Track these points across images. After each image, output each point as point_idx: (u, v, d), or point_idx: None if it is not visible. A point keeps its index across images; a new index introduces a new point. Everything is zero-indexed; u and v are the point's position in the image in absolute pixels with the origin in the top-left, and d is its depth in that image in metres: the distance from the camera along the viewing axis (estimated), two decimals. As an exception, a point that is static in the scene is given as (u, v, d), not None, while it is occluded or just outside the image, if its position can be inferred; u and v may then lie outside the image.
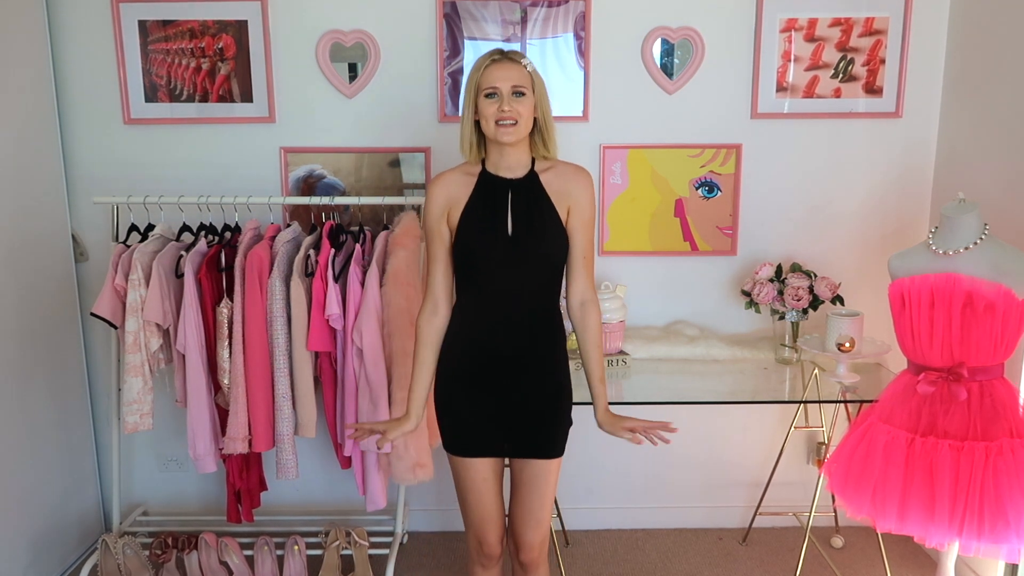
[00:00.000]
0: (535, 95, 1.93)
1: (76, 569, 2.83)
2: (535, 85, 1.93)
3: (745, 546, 3.04)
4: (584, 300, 2.02)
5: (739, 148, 2.90)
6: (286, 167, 2.90)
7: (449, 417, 2.04)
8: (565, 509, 3.09)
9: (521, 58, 1.93)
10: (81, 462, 2.97)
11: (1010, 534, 2.02)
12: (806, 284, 2.72)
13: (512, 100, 1.89)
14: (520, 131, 1.91)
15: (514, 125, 1.89)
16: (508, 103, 1.88)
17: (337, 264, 2.51)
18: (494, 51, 1.94)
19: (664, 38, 2.84)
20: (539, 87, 1.94)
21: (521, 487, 2.06)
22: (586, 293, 2.02)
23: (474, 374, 1.99)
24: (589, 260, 2.02)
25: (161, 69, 2.84)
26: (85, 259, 2.96)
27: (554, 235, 1.95)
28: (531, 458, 2.02)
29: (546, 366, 2.01)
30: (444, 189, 1.98)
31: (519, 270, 1.94)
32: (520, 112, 1.89)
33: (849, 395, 2.55)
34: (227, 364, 2.55)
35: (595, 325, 2.03)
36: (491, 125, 1.90)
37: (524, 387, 1.99)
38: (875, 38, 2.83)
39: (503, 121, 1.88)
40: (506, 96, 1.88)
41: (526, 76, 1.91)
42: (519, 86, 1.89)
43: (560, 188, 1.97)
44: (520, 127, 1.91)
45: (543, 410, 2.02)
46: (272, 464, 2.70)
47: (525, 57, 1.95)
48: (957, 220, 2.16)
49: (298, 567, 2.72)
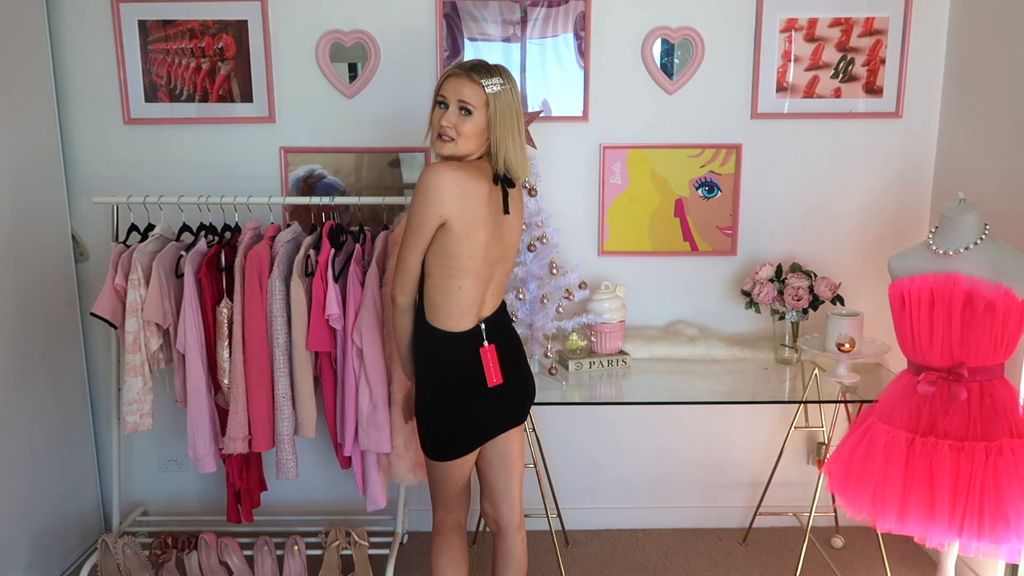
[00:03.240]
0: (488, 116, 1.90)
1: (76, 569, 2.83)
2: (494, 107, 1.90)
3: (745, 546, 3.04)
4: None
5: (739, 148, 2.90)
6: (286, 167, 2.90)
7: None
8: (565, 509, 3.09)
9: (487, 77, 1.90)
10: (81, 462, 2.97)
11: (1010, 534, 2.02)
12: (806, 284, 2.72)
13: (455, 116, 1.89)
14: (457, 148, 1.91)
15: (451, 141, 1.90)
16: (449, 118, 1.89)
17: (337, 264, 2.51)
18: (466, 63, 1.94)
19: (664, 38, 2.84)
20: (499, 109, 1.91)
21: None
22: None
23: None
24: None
25: (161, 69, 2.84)
26: (85, 259, 2.96)
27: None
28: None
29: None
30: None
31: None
32: (461, 130, 1.89)
33: (849, 395, 2.55)
34: (227, 364, 2.55)
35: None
36: (433, 135, 1.93)
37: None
38: (875, 38, 2.83)
39: (443, 136, 1.90)
40: (451, 111, 1.89)
41: (480, 95, 1.89)
42: (466, 103, 1.89)
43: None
44: (458, 144, 1.91)
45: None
46: (272, 464, 2.70)
47: (495, 77, 1.91)
48: (957, 220, 2.17)
49: (298, 567, 2.72)
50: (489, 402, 2.03)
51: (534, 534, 3.08)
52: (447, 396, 2.02)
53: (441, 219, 1.88)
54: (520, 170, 1.99)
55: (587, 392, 2.64)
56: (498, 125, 1.92)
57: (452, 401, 2.01)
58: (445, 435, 2.05)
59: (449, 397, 2.01)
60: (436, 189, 1.86)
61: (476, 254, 1.93)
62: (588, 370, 2.76)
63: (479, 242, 1.93)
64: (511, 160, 1.95)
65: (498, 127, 1.92)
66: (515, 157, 1.96)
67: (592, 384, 2.68)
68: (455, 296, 1.95)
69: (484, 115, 1.90)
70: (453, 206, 1.87)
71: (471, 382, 2.00)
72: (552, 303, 2.71)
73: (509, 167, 1.96)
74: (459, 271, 1.93)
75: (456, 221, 1.88)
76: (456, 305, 1.96)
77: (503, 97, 1.91)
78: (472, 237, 1.91)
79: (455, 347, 1.99)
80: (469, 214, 1.90)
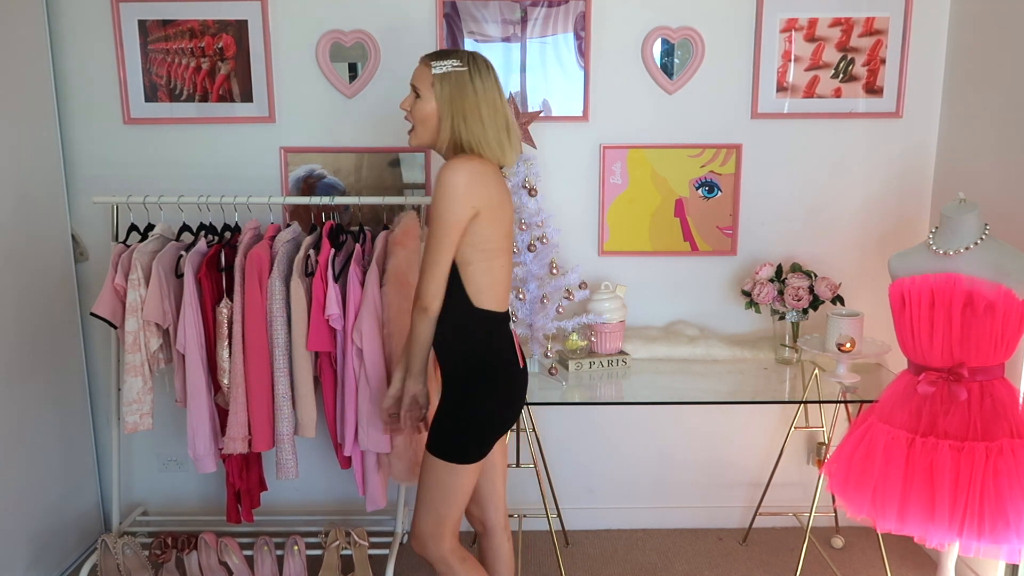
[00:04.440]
0: (436, 98, 1.89)
1: (76, 569, 2.83)
2: (439, 87, 1.89)
3: (745, 546, 3.04)
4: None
5: (739, 148, 2.90)
6: (286, 167, 2.90)
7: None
8: (565, 509, 3.09)
9: (437, 60, 1.90)
10: (81, 462, 2.97)
11: (1010, 534, 2.02)
12: (806, 284, 2.72)
13: (410, 100, 1.93)
14: (419, 136, 1.94)
15: (412, 129, 1.94)
16: (406, 102, 1.93)
17: (337, 264, 2.51)
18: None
19: (664, 38, 2.84)
20: (448, 89, 1.89)
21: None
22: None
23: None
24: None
25: (161, 69, 2.84)
26: (85, 259, 2.96)
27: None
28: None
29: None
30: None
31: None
32: (413, 114, 1.92)
33: (849, 395, 2.55)
34: (227, 364, 2.55)
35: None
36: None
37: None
38: (875, 38, 2.83)
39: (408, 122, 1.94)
40: (408, 97, 1.93)
41: (427, 76, 1.90)
42: (415, 85, 1.92)
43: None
44: (417, 132, 1.93)
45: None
46: (272, 464, 2.70)
47: (449, 60, 1.89)
48: (957, 220, 2.16)
49: (298, 567, 2.72)
50: (524, 383, 2.09)
51: (534, 534, 3.08)
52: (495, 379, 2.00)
53: (475, 210, 1.89)
54: (489, 150, 1.94)
55: (587, 392, 2.64)
56: (447, 104, 1.89)
57: (498, 384, 2.00)
58: (485, 424, 2.00)
59: (496, 380, 2.00)
60: (463, 184, 1.86)
61: (507, 231, 1.98)
62: (588, 370, 2.76)
63: (507, 218, 1.98)
64: (473, 141, 1.91)
65: (447, 105, 1.89)
66: (479, 137, 1.91)
67: (592, 384, 2.68)
68: (499, 274, 1.98)
69: (432, 97, 1.90)
70: (482, 194, 1.89)
71: (513, 362, 2.03)
72: (552, 303, 2.71)
73: (475, 148, 1.92)
74: (496, 250, 1.95)
75: (486, 207, 1.90)
76: (501, 283, 1.99)
77: (453, 78, 1.89)
78: (502, 216, 1.95)
79: (499, 327, 2.01)
80: (494, 195, 1.92)
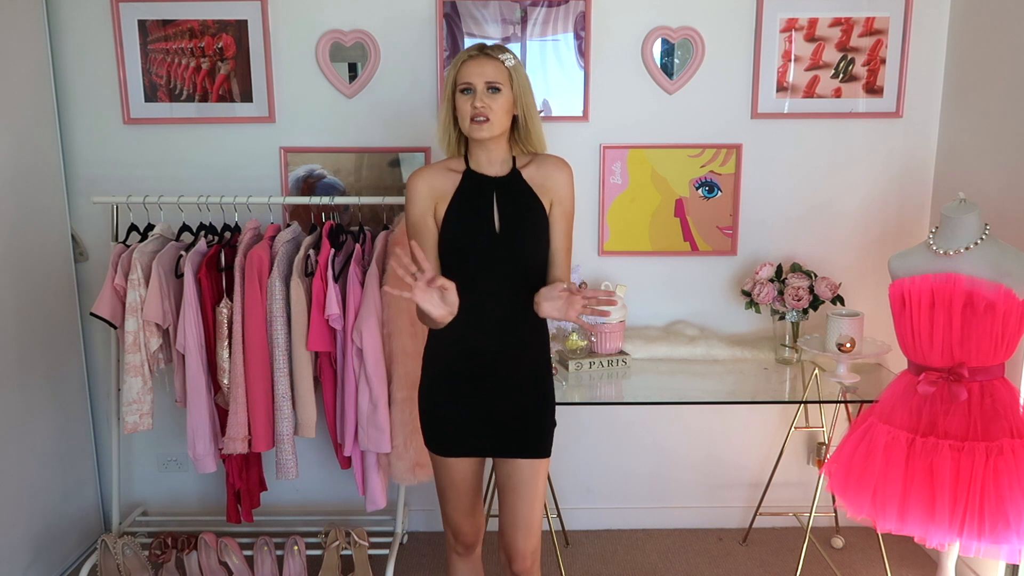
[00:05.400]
0: (513, 91, 1.90)
1: (76, 569, 2.83)
2: (514, 80, 1.90)
3: (745, 546, 3.04)
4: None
5: (739, 148, 2.90)
6: (286, 167, 2.90)
7: (433, 417, 2.02)
8: (565, 509, 3.09)
9: (500, 53, 1.90)
10: (81, 462, 2.97)
11: (1010, 534, 2.02)
12: (806, 284, 2.72)
13: (486, 96, 1.87)
14: (494, 128, 1.89)
15: (487, 122, 1.88)
16: (481, 99, 1.87)
17: (337, 264, 2.51)
18: (473, 47, 1.92)
19: (664, 38, 2.84)
20: (519, 82, 1.91)
21: (509, 492, 2.01)
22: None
23: (461, 373, 1.97)
24: (568, 253, 2.01)
25: (161, 69, 2.84)
26: (85, 259, 2.96)
27: (542, 232, 1.95)
28: (518, 457, 1.99)
29: (532, 364, 2.01)
30: (427, 183, 1.94)
31: (506, 268, 1.93)
32: (493, 108, 1.88)
33: (849, 395, 2.55)
34: (227, 364, 2.55)
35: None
36: (466, 122, 1.89)
37: (511, 386, 1.98)
38: (875, 38, 2.83)
39: (477, 118, 1.87)
40: (479, 92, 1.87)
41: (503, 72, 1.89)
42: (493, 82, 1.88)
43: (542, 182, 1.96)
44: (494, 124, 1.89)
45: (528, 408, 2.00)
46: (272, 464, 2.70)
47: (507, 51, 1.92)
48: (957, 220, 2.16)
49: (298, 567, 2.72)
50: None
51: (534, 534, 3.08)
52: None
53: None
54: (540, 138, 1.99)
55: (587, 392, 2.64)
56: (522, 96, 1.92)
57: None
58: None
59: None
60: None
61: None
62: (588, 370, 2.75)
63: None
64: (540, 131, 1.97)
65: (522, 98, 1.92)
66: (539, 125, 1.97)
67: (592, 384, 2.68)
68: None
69: (510, 90, 1.90)
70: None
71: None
72: (552, 303, 2.71)
73: (539, 139, 1.97)
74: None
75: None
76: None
77: (519, 70, 1.93)
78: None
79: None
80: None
